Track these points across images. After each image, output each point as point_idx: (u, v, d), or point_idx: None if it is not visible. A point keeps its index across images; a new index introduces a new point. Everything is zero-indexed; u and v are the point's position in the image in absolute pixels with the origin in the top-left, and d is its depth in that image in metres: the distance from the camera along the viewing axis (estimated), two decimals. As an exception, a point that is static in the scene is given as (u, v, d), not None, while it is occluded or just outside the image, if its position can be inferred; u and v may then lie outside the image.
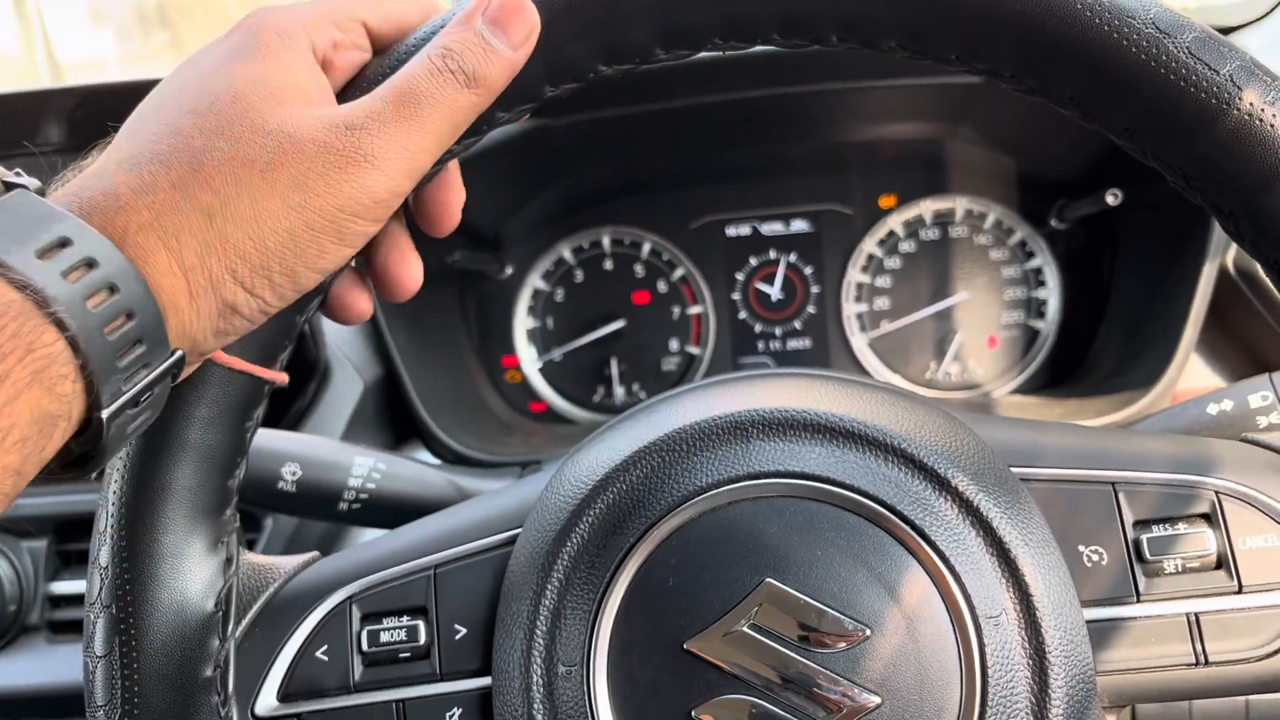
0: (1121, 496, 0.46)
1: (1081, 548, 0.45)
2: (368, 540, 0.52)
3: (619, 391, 1.17)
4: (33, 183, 0.35)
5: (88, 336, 0.32)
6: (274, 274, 0.37)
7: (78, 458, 0.35)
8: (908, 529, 0.43)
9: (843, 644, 0.42)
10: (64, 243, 0.32)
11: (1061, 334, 1.12)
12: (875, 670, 0.42)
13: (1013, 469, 0.46)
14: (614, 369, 1.16)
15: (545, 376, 1.18)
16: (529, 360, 1.17)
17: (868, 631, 0.42)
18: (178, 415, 0.43)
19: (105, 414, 0.33)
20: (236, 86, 0.38)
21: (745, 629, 0.42)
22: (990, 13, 0.39)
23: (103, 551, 0.44)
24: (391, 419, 0.98)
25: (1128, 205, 0.93)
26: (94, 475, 0.48)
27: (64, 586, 0.86)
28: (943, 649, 0.42)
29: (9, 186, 0.34)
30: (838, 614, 0.42)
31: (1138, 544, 0.45)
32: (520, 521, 0.48)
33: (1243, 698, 0.56)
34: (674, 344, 1.17)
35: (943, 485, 0.44)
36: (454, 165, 0.46)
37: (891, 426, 0.45)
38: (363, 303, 0.47)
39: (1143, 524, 0.45)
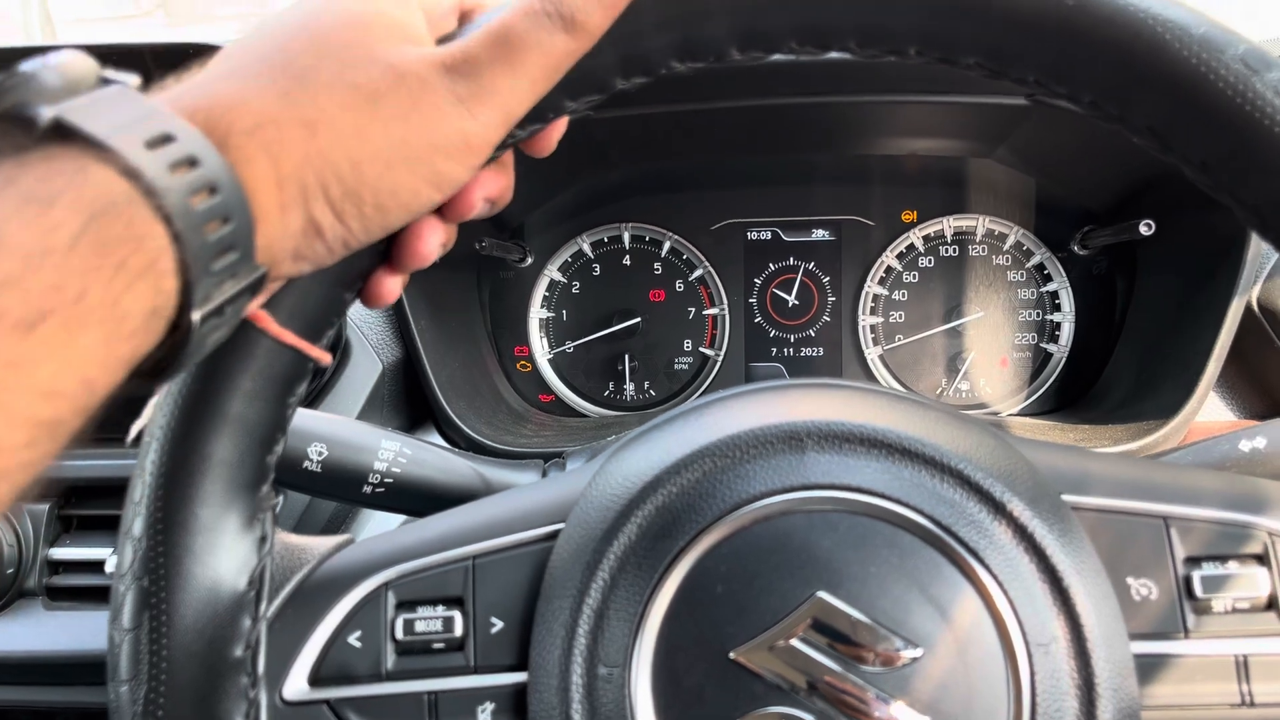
0: (1173, 531, 0.45)
1: (1130, 580, 0.45)
2: (402, 526, 0.51)
3: (629, 388, 1.17)
4: (131, 78, 0.34)
5: (190, 235, 0.31)
6: (365, 203, 0.37)
7: (155, 364, 0.34)
8: (963, 551, 0.43)
9: (893, 662, 0.41)
10: (167, 138, 0.32)
11: (1073, 359, 1.13)
12: (925, 691, 0.41)
13: (1063, 496, 0.46)
14: (626, 365, 1.16)
15: (555, 368, 1.17)
16: (540, 351, 1.17)
17: (919, 651, 0.42)
18: (222, 386, 0.42)
19: (197, 316, 0.33)
20: (346, 15, 0.38)
21: (794, 641, 0.42)
22: (1078, 39, 0.38)
23: (137, 522, 0.43)
24: (407, 402, 0.97)
25: (1152, 236, 0.93)
26: (129, 441, 0.48)
27: (64, 552, 0.84)
28: (992, 673, 0.42)
29: (106, 82, 0.33)
30: (889, 632, 0.42)
31: (1188, 580, 0.45)
32: (562, 517, 0.47)
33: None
34: (688, 344, 1.16)
35: (998, 509, 0.43)
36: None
37: (948, 446, 0.45)
38: (393, 287, 0.46)
39: (1193, 560, 0.45)
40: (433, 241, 0.44)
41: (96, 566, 0.82)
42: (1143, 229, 0.92)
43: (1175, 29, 0.37)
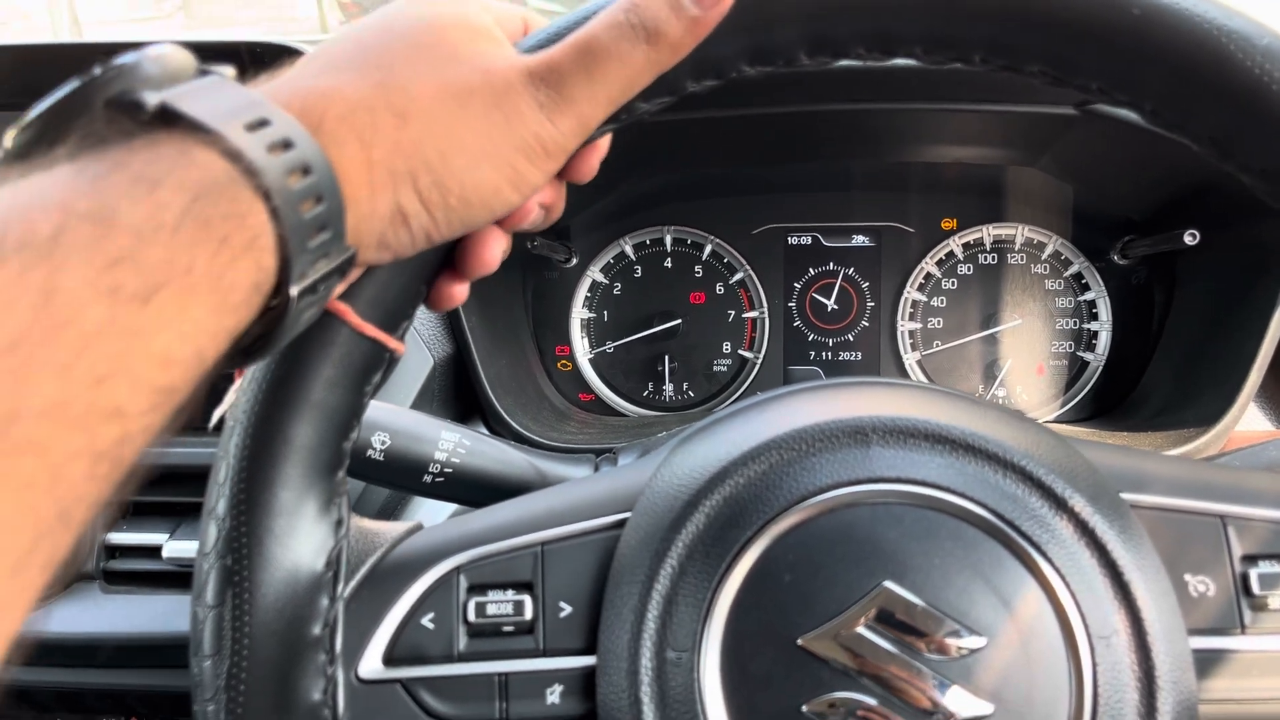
0: (1230, 530, 0.46)
1: (1188, 577, 0.46)
2: (467, 513, 0.53)
3: (668, 389, 1.18)
4: (227, 69, 0.36)
5: (287, 213, 0.33)
6: (451, 194, 0.39)
7: (254, 340, 0.35)
8: (1026, 545, 0.44)
9: (957, 651, 0.42)
10: (263, 122, 0.33)
11: (1109, 367, 1.13)
12: (988, 680, 0.42)
13: (1122, 495, 0.47)
14: (666, 366, 1.17)
15: (595, 368, 1.19)
16: (581, 351, 1.18)
17: (982, 641, 0.43)
18: (304, 373, 0.44)
19: (295, 290, 0.34)
20: (433, 16, 0.40)
21: (861, 629, 0.43)
22: (1143, 48, 0.39)
23: (221, 503, 0.44)
24: (456, 396, 0.98)
25: (1193, 246, 0.94)
26: (211, 425, 0.49)
27: (121, 537, 0.86)
28: (1054, 665, 0.43)
29: (203, 73, 0.35)
30: (954, 622, 0.43)
31: (1245, 578, 0.46)
32: (628, 506, 0.48)
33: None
34: (727, 346, 1.17)
35: (1060, 505, 0.44)
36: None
37: (1011, 443, 0.46)
38: (459, 292, 0.48)
39: (1250, 559, 0.46)
40: (496, 250, 0.46)
41: (153, 551, 0.84)
42: (1187, 239, 0.93)
43: (1239, 39, 0.38)
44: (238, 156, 0.32)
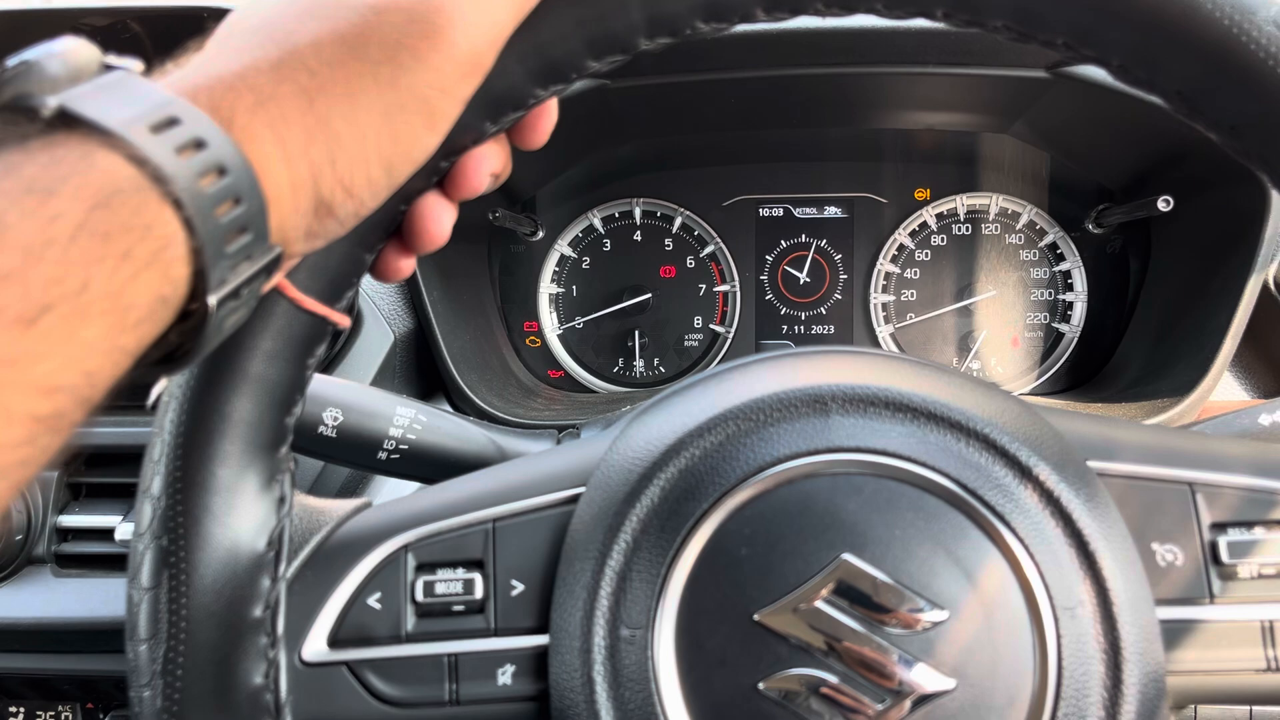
0: (1199, 497, 0.45)
1: (1156, 546, 0.45)
2: (420, 490, 0.51)
3: (639, 364, 1.16)
4: (134, 64, 0.33)
5: (201, 218, 0.31)
6: (371, 165, 0.37)
7: (171, 351, 0.33)
8: (989, 515, 0.42)
9: (918, 625, 0.41)
10: (173, 121, 0.31)
11: (1085, 338, 1.12)
12: (950, 654, 0.41)
13: (1089, 463, 0.45)
14: (636, 341, 1.15)
15: (565, 344, 1.17)
16: (550, 326, 1.16)
17: (944, 614, 0.41)
18: (241, 346, 0.42)
19: (213, 300, 0.32)
20: None
21: (819, 604, 0.42)
22: (1110, 1, 0.38)
23: (155, 481, 0.43)
24: (418, 372, 0.96)
25: (1167, 214, 0.93)
26: (149, 404, 0.47)
27: (72, 519, 0.84)
28: (1018, 637, 0.41)
29: (108, 68, 0.33)
30: (914, 595, 0.41)
31: (1214, 546, 0.44)
32: (582, 481, 0.47)
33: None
34: (698, 320, 1.16)
35: (1025, 473, 0.43)
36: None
37: (975, 411, 0.44)
38: (405, 262, 0.46)
39: (1219, 526, 0.45)
40: (444, 221, 0.44)
41: (106, 534, 0.82)
42: (1161, 205, 0.91)
43: None
44: (143, 161, 0.30)
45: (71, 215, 0.28)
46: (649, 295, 1.15)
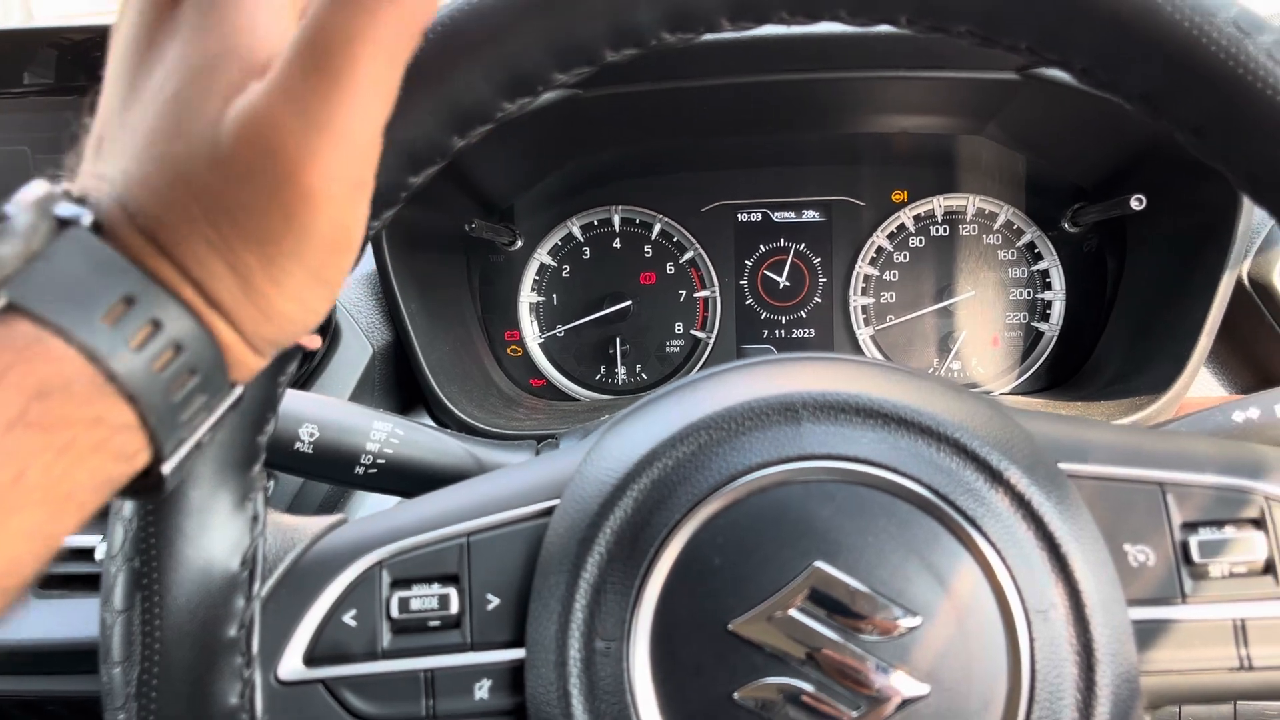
0: (1170, 497, 0.45)
1: (1128, 547, 0.45)
2: (396, 505, 0.51)
3: (620, 372, 1.16)
4: (87, 216, 0.31)
5: (155, 404, 0.31)
6: (319, 298, 0.35)
7: (137, 491, 0.34)
8: (960, 519, 0.42)
9: (892, 632, 0.41)
10: (129, 300, 0.30)
11: (1064, 337, 1.13)
12: (924, 660, 0.41)
13: (1060, 465, 0.46)
14: (617, 349, 1.15)
15: (546, 352, 1.17)
16: (531, 335, 1.16)
17: (917, 620, 0.41)
18: None
19: (167, 469, 0.32)
20: (165, 65, 0.31)
21: (793, 612, 0.42)
22: (1070, 5, 0.38)
23: (127, 503, 0.43)
24: (398, 385, 0.96)
25: (1141, 212, 0.93)
26: None
27: (53, 540, 0.83)
28: (991, 642, 0.41)
29: (63, 224, 0.30)
30: (888, 601, 0.41)
31: (1185, 546, 0.45)
32: (556, 493, 0.47)
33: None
34: (679, 326, 1.16)
35: (995, 477, 0.43)
36: None
37: (945, 415, 0.45)
38: None
39: (1190, 526, 0.45)
40: None
41: (86, 554, 0.81)
42: (1133, 204, 0.92)
43: None
44: (95, 359, 0.29)
45: (12, 404, 0.27)
46: (629, 302, 1.15)
